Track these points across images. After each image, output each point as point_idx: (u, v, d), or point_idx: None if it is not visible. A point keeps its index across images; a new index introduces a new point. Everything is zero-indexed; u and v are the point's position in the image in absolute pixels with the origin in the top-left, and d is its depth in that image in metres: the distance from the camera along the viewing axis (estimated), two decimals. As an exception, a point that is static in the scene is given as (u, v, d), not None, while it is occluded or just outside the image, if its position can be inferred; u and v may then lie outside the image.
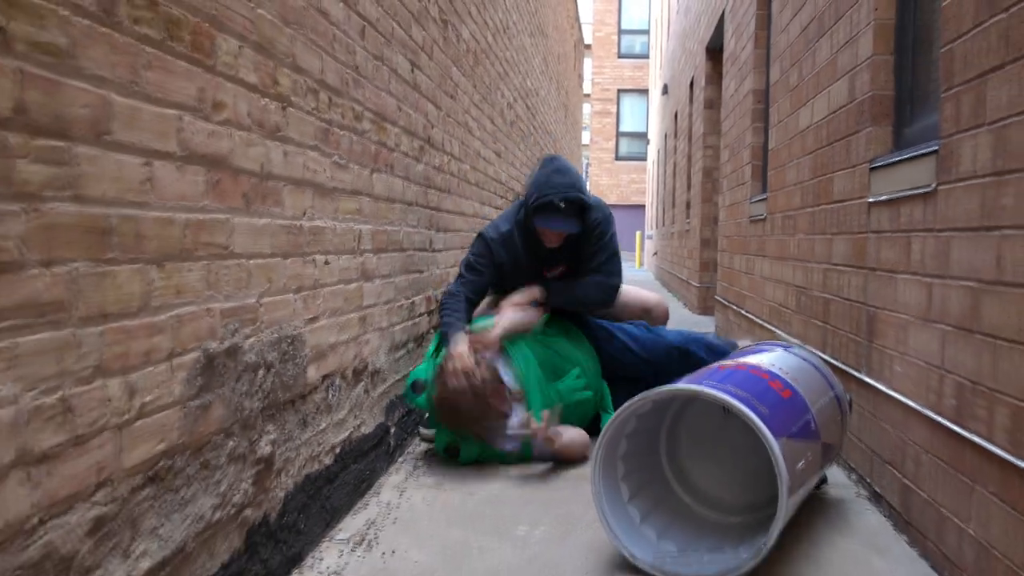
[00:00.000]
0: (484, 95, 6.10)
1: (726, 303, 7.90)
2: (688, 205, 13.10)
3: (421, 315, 4.20)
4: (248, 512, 2.25)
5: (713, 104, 10.70)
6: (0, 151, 1.30)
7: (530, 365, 3.86)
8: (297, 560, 2.61)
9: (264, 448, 2.33)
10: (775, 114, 5.66)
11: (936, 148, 2.77)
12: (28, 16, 1.36)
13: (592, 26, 35.22)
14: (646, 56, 33.93)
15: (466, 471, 3.67)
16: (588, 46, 34.65)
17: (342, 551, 2.76)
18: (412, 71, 3.92)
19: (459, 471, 3.67)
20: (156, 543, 1.78)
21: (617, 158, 34.67)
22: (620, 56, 35.05)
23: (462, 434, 3.69)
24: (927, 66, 3.24)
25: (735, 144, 7.67)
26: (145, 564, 1.74)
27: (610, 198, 34.39)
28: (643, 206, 33.73)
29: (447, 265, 4.78)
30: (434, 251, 4.45)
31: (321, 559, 2.69)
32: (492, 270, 4.18)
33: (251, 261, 2.22)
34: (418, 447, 4.06)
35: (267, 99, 2.30)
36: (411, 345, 4.02)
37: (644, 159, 33.40)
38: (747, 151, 6.91)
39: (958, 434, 2.52)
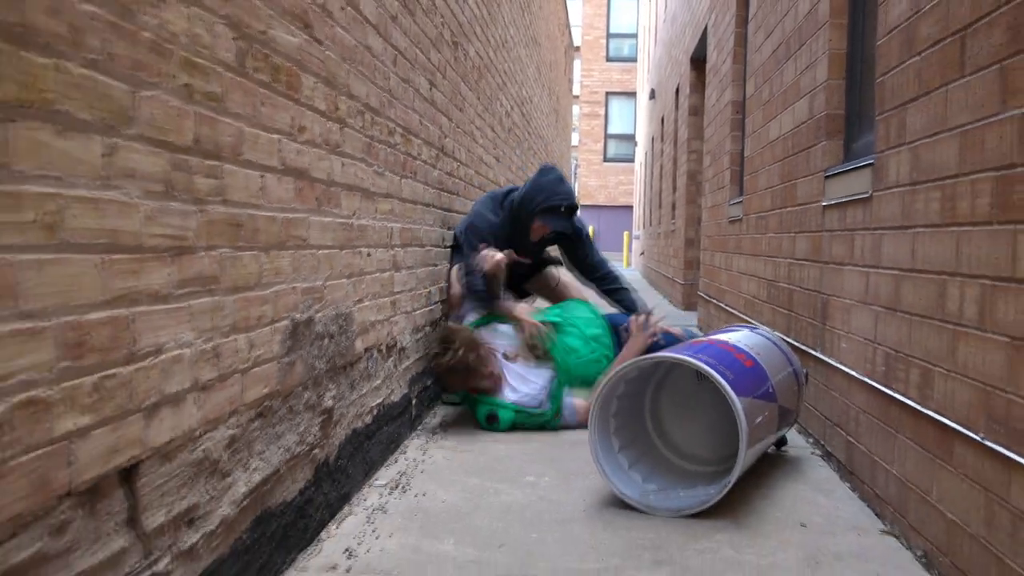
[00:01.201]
0: (486, 106, 6.69)
1: (708, 298, 8.50)
2: (674, 206, 13.71)
3: (436, 303, 4.79)
4: (316, 452, 2.82)
5: (697, 111, 11.32)
6: (186, 169, 1.88)
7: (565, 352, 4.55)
8: (347, 498, 3.18)
9: (327, 402, 2.91)
10: (750, 124, 6.26)
11: (872, 161, 3.37)
12: (202, 73, 1.94)
13: (581, 29, 35.77)
14: (634, 59, 34.50)
15: (477, 438, 4.25)
16: (577, 48, 35.25)
17: (381, 493, 3.34)
18: (431, 89, 4.51)
19: (471, 438, 4.25)
20: (262, 463, 2.36)
21: (605, 160, 35.27)
22: (608, 60, 35.62)
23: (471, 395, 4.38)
24: (870, 91, 3.83)
25: (716, 150, 8.28)
26: (256, 477, 2.32)
27: (598, 199, 35.01)
28: (631, 207, 34.31)
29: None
30: (446, 247, 5.03)
31: (365, 499, 3.27)
32: (492, 235, 4.97)
33: (320, 251, 2.80)
34: (434, 419, 4.65)
35: (331, 122, 2.88)
36: (428, 329, 4.60)
37: (632, 161, 33.98)
38: (726, 157, 7.52)
39: (885, 394, 3.12)
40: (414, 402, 4.31)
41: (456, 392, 4.61)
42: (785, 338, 4.58)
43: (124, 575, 1.67)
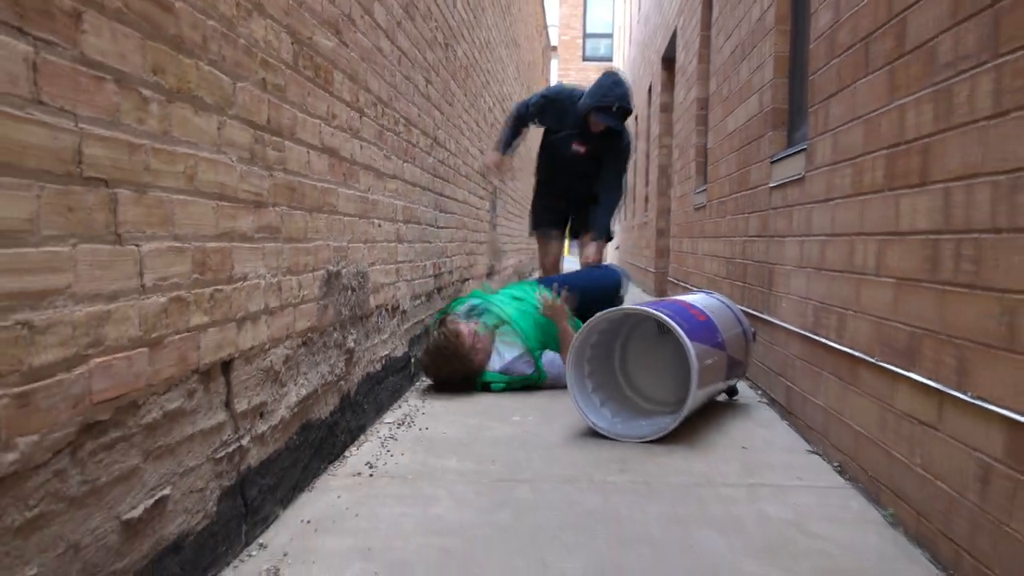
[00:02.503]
0: (472, 102, 7.29)
1: (676, 282, 9.14)
2: (647, 199, 14.36)
3: (430, 276, 5.38)
4: (342, 383, 3.42)
5: (667, 108, 11.97)
6: (262, 142, 2.48)
7: (513, 308, 5.07)
8: (363, 429, 3.78)
9: (350, 343, 3.51)
10: (712, 119, 6.90)
11: (805, 147, 4.00)
12: (272, 70, 2.54)
13: (558, 30, 36.37)
14: (610, 59, 35.14)
15: (470, 393, 4.85)
16: (554, 48, 35.87)
17: (391, 427, 3.94)
18: (427, 86, 5.11)
19: (464, 393, 4.85)
20: (306, 382, 2.96)
21: (582, 157, 35.82)
22: (585, 59, 36.24)
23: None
24: (806, 88, 4.47)
25: (684, 144, 8.92)
26: (303, 391, 2.91)
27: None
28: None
29: (446, 240, 5.96)
30: (438, 227, 5.63)
31: (378, 431, 3.87)
32: (543, 112, 6.23)
33: (345, 218, 3.39)
34: (425, 380, 5.24)
35: (353, 111, 3.48)
36: (423, 298, 5.19)
37: (608, 158, 34.51)
38: (692, 150, 8.16)
39: (814, 339, 3.75)
40: (412, 361, 4.90)
41: (454, 380, 4.91)
42: (740, 305, 5.22)
43: (223, 441, 2.27)
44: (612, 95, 5.81)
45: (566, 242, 7.01)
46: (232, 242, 2.27)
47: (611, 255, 28.01)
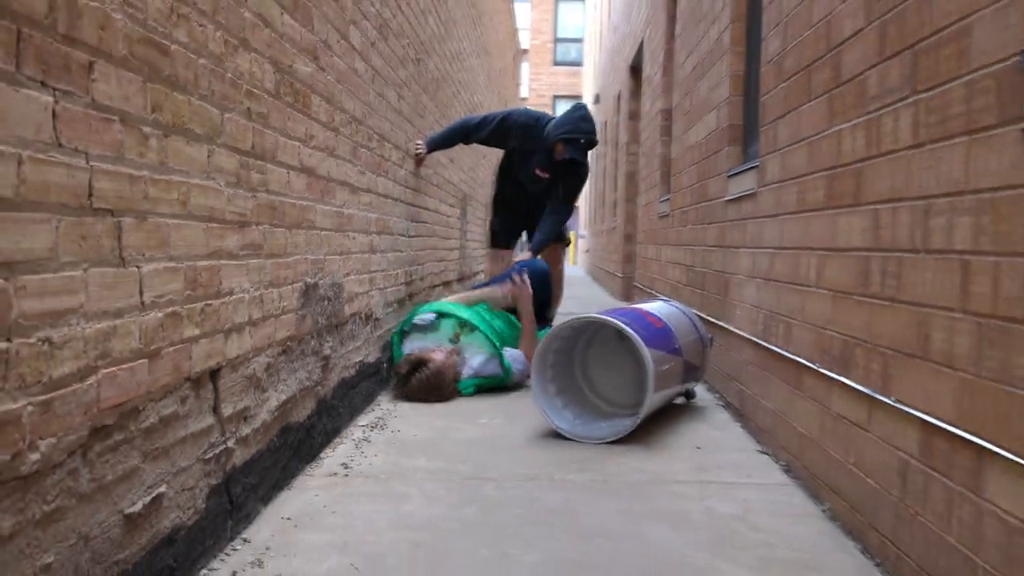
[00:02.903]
0: (443, 112, 7.49)
1: (642, 287, 9.39)
2: (615, 205, 14.61)
3: (402, 284, 5.58)
4: (318, 388, 3.62)
5: (635, 116, 12.23)
6: (247, 167, 2.67)
7: (472, 313, 5.27)
8: (338, 431, 3.97)
9: (326, 350, 3.71)
10: (676, 130, 7.15)
11: (757, 164, 4.24)
12: (256, 99, 2.74)
13: (529, 33, 36.62)
14: (580, 63, 35.44)
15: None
16: (525, 51, 36.10)
17: (364, 430, 4.14)
18: (399, 100, 5.31)
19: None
20: (285, 387, 3.15)
21: (553, 161, 36.07)
22: (555, 63, 36.53)
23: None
24: (758, 107, 4.71)
25: (649, 153, 9.17)
26: (283, 396, 3.11)
27: (546, 199, 35.82)
28: (576, 207, 35.23)
29: (418, 248, 6.16)
30: (410, 237, 5.83)
31: (352, 433, 4.06)
32: (497, 135, 6.37)
33: (322, 232, 3.59)
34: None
35: (329, 131, 3.68)
36: (395, 305, 5.39)
37: (578, 162, 34.79)
38: (657, 159, 8.41)
39: (764, 346, 3.99)
40: (385, 366, 5.10)
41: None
42: (699, 314, 5.46)
43: (211, 443, 2.46)
44: (580, 129, 6.02)
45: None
46: (220, 260, 2.46)
47: (580, 259, 28.30)
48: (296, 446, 3.28)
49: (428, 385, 4.83)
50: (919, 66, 2.42)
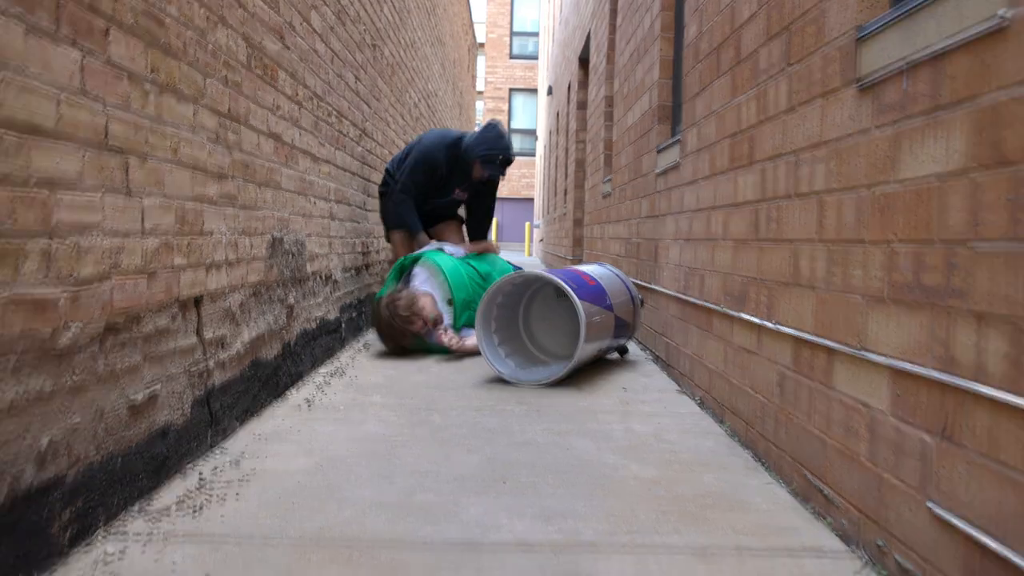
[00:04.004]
0: (398, 97, 7.92)
1: (589, 266, 9.86)
2: (566, 192, 15.10)
3: (359, 253, 6.01)
4: (284, 333, 4.04)
5: (583, 105, 12.71)
6: (224, 127, 3.09)
7: (462, 287, 5.72)
8: (300, 376, 4.40)
9: (291, 300, 4.13)
10: (616, 115, 7.63)
11: (679, 138, 4.72)
12: (231, 69, 3.16)
13: (486, 27, 37.01)
14: (536, 57, 35.90)
15: (398, 352, 5.50)
16: (482, 45, 36.50)
17: (325, 376, 4.57)
18: (356, 82, 5.73)
19: (387, 354, 5.49)
20: (255, 326, 3.58)
21: (509, 154, 36.51)
22: (512, 57, 36.98)
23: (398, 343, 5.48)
24: (682, 86, 5.20)
25: (594, 138, 9.66)
26: (253, 333, 3.53)
27: (501, 191, 36.31)
28: (532, 199, 35.72)
29: (374, 222, 6.58)
30: (366, 210, 6.25)
31: (313, 379, 4.49)
32: (428, 179, 6.23)
33: (287, 193, 4.01)
34: (356, 344, 5.87)
35: (293, 103, 4.10)
36: (353, 271, 5.82)
37: (534, 155, 35.39)
38: (601, 143, 8.90)
39: (684, 299, 4.48)
40: (343, 326, 5.53)
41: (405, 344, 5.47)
42: (636, 281, 5.94)
43: (195, 360, 2.89)
44: (498, 147, 6.12)
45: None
46: (203, 204, 2.88)
47: (535, 248, 28.79)
48: (264, 380, 3.71)
49: (401, 318, 5.23)
50: (792, 43, 2.90)
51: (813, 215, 2.66)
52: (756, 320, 3.20)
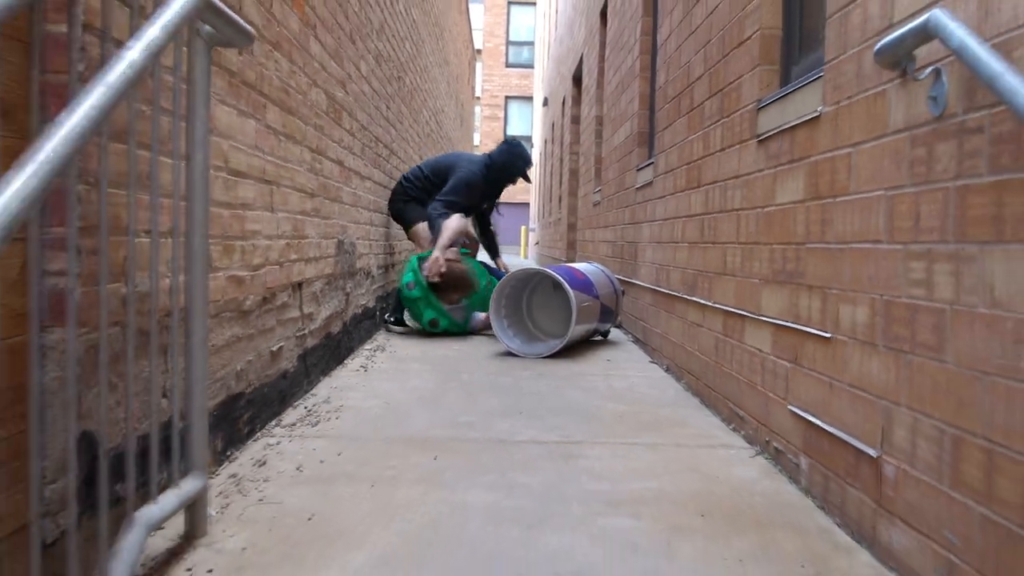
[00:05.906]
0: (415, 117, 9.09)
1: (581, 266, 11.03)
2: (560, 199, 16.27)
3: (387, 253, 7.17)
4: (343, 315, 5.20)
5: (576, 120, 13.89)
6: (315, 160, 4.26)
7: (480, 273, 6.89)
8: (352, 350, 5.56)
9: (347, 288, 5.30)
10: (605, 134, 8.80)
11: (653, 161, 5.89)
12: (316, 115, 4.32)
13: (483, 35, 38.09)
14: (531, 66, 36.99)
15: (421, 335, 6.67)
16: (479, 51, 37.59)
17: (370, 351, 5.73)
18: (387, 110, 6.91)
19: (417, 335, 6.66)
20: (328, 307, 4.74)
21: (505, 159, 37.55)
22: (508, 66, 38.09)
23: (439, 309, 6.64)
24: (655, 119, 6.36)
25: (586, 152, 10.84)
26: (327, 312, 4.69)
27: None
28: (528, 204, 36.84)
29: (398, 228, 7.75)
30: (391, 218, 7.41)
31: (361, 352, 5.65)
32: (469, 200, 7.18)
33: (345, 206, 5.18)
34: (388, 330, 7.02)
35: (350, 135, 5.26)
36: (384, 269, 6.98)
37: (529, 161, 36.35)
38: (592, 158, 10.08)
39: (656, 290, 5.65)
40: (378, 312, 6.69)
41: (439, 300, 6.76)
42: (620, 277, 7.11)
43: (298, 328, 4.04)
44: (529, 159, 7.27)
45: None
46: (305, 216, 4.05)
47: (532, 250, 29.97)
48: (333, 348, 4.87)
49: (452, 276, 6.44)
50: (724, 102, 4.08)
51: (734, 225, 3.83)
52: (702, 301, 4.37)
